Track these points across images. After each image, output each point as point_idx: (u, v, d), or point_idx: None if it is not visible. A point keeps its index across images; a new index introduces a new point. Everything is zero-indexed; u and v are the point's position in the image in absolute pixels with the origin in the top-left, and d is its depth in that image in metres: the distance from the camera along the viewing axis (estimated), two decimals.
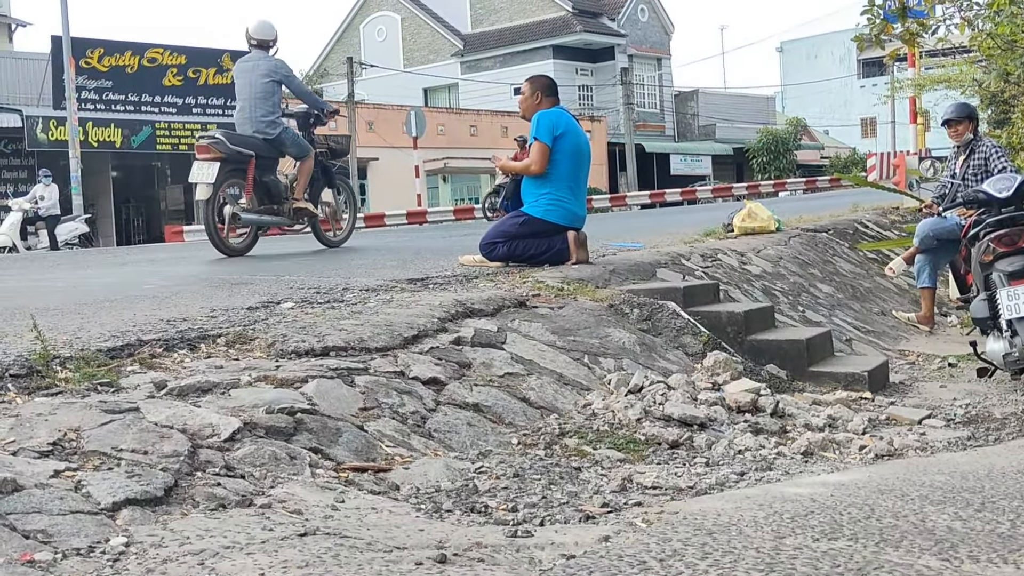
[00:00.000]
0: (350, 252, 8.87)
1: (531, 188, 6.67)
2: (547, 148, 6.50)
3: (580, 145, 6.70)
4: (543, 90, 6.76)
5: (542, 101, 6.70)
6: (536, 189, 6.63)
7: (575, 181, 6.68)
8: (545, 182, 6.58)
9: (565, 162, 6.57)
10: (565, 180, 6.59)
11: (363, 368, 3.71)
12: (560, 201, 6.58)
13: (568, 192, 6.62)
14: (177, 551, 2.15)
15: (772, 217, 9.64)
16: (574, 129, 6.69)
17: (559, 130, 6.54)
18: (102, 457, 2.64)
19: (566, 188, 6.61)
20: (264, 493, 2.62)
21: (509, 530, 2.51)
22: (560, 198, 6.58)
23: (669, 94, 45.50)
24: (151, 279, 6.35)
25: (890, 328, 8.13)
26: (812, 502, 2.65)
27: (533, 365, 4.37)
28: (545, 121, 6.56)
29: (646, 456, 3.60)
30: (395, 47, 45.12)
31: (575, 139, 6.65)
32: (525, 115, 6.74)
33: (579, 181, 6.74)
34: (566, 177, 6.59)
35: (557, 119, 6.60)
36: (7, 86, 24.98)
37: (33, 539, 2.16)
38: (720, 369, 4.72)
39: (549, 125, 6.54)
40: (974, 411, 4.90)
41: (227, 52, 27.00)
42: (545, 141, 6.50)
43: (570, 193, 6.64)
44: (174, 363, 3.59)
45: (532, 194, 6.65)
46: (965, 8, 9.35)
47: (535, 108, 6.66)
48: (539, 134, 6.53)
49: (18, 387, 3.11)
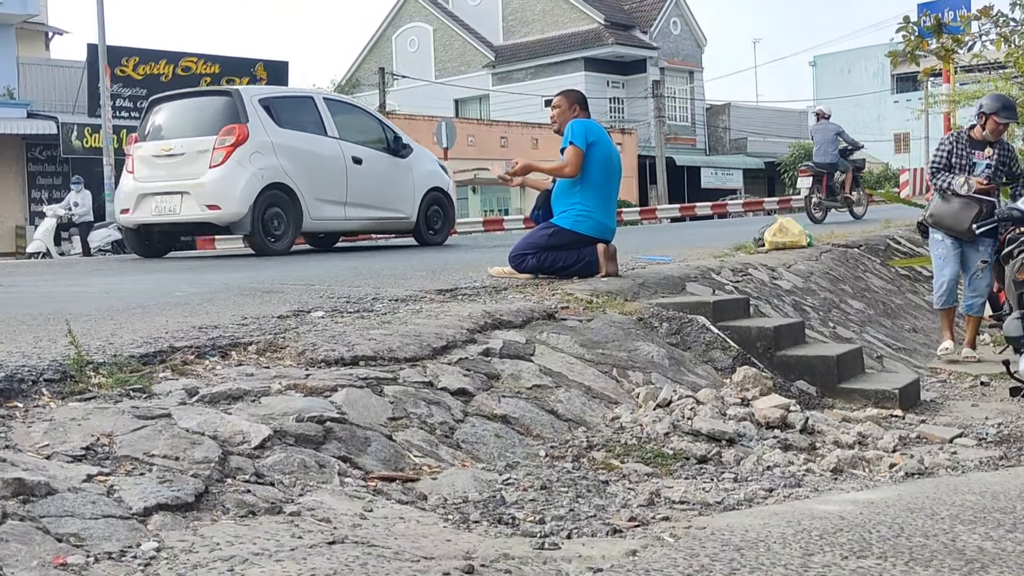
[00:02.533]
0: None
1: (562, 199, 6.67)
2: (582, 153, 6.49)
3: (611, 157, 6.70)
4: (578, 103, 6.79)
5: (578, 114, 6.73)
6: (567, 199, 6.63)
7: (605, 193, 6.67)
8: (575, 192, 6.58)
9: (596, 172, 6.57)
10: (595, 191, 6.59)
11: (392, 378, 3.73)
12: (590, 212, 6.58)
13: (598, 203, 6.61)
14: (207, 557, 2.18)
15: (803, 232, 9.60)
16: (606, 140, 6.70)
17: (591, 138, 6.55)
18: (134, 462, 2.67)
19: (596, 199, 6.60)
20: (293, 501, 2.64)
21: (536, 542, 2.51)
22: (590, 209, 6.58)
23: (701, 107, 45.41)
24: (183, 286, 6.40)
25: (921, 345, 8.06)
26: (841, 520, 2.63)
27: (561, 377, 4.37)
28: (579, 128, 6.56)
29: (674, 470, 3.59)
30: (427, 58, 45.32)
31: (607, 150, 6.65)
32: (559, 128, 6.75)
33: (610, 193, 6.74)
34: (596, 188, 6.59)
35: (589, 127, 6.62)
36: (43, 93, 25.32)
37: (66, 542, 2.18)
38: (749, 384, 4.70)
39: (583, 131, 6.54)
40: (1006, 430, 4.85)
41: (260, 61, 27.28)
42: (580, 145, 6.49)
43: (600, 204, 6.63)
44: (205, 370, 3.61)
45: (562, 204, 6.65)
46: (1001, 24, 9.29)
47: (569, 120, 6.68)
48: (574, 139, 6.52)
49: (52, 392, 3.15)
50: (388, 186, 11.36)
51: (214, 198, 9.85)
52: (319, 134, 10.79)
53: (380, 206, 11.33)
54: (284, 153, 10.24)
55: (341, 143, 10.92)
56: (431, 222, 11.96)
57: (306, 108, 10.98)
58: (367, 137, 11.51)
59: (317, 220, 10.71)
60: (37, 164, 25.10)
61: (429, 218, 11.91)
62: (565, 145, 6.57)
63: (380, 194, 11.27)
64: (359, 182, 10.94)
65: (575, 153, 6.50)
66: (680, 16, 44.69)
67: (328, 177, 10.67)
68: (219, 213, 9.92)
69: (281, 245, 10.27)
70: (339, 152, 10.84)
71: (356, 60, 47.92)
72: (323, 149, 10.74)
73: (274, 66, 27.45)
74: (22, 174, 24.98)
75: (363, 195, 11.03)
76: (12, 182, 24.85)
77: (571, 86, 8.63)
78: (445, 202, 12.12)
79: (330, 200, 10.71)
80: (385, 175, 11.33)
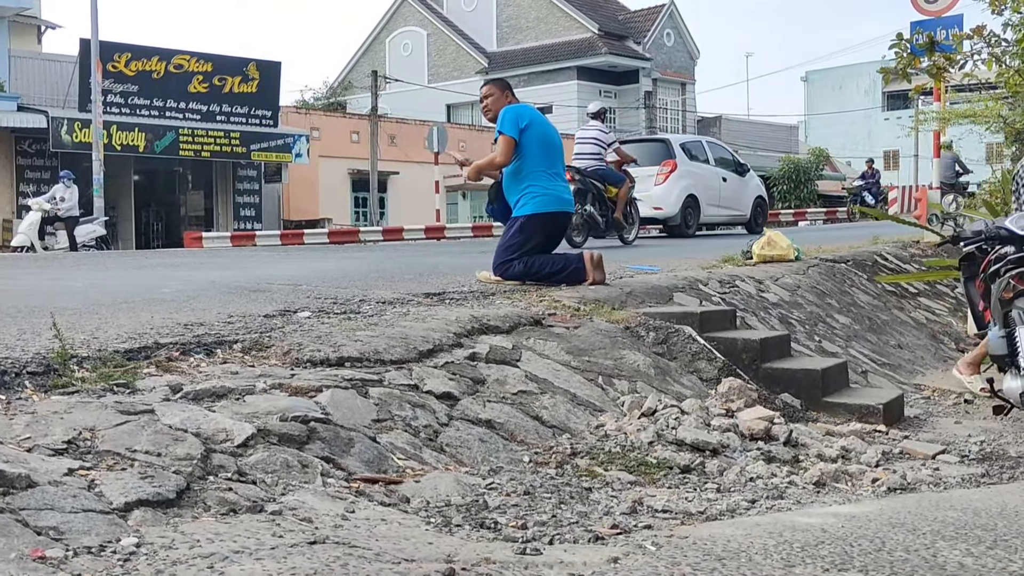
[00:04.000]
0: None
1: (513, 190, 6.74)
2: (512, 141, 6.58)
3: (548, 134, 6.78)
4: (508, 88, 6.93)
5: (510, 100, 6.83)
6: (517, 188, 6.69)
7: (551, 169, 6.74)
8: (522, 178, 6.65)
9: (536, 152, 6.64)
10: (541, 170, 6.66)
11: (378, 380, 3.72)
12: (543, 190, 6.64)
13: (547, 179, 6.68)
14: (187, 553, 2.17)
15: (791, 246, 9.62)
16: (539, 119, 6.79)
17: (524, 121, 6.63)
18: (116, 457, 2.65)
19: (544, 177, 6.67)
20: (275, 500, 2.63)
21: (518, 547, 2.51)
22: (542, 187, 6.64)
23: (692, 119, 45.48)
24: (169, 283, 6.39)
25: (906, 361, 8.09)
26: (823, 532, 2.63)
27: (547, 384, 4.37)
28: (510, 115, 6.63)
29: (657, 479, 3.59)
30: (420, 62, 45.32)
31: (542, 128, 6.73)
32: (494, 116, 6.79)
33: (555, 168, 6.80)
34: (541, 166, 6.66)
35: (521, 112, 6.69)
36: (34, 87, 25.18)
37: (45, 535, 2.17)
38: (734, 396, 4.71)
39: (513, 118, 6.62)
40: (989, 448, 4.87)
41: (253, 61, 27.16)
42: (511, 134, 6.58)
43: (550, 180, 6.70)
44: (190, 367, 3.60)
45: (515, 195, 6.71)
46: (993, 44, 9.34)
47: (503, 106, 6.74)
48: (504, 128, 6.60)
49: (35, 384, 3.14)
50: (737, 194, 17.69)
51: (659, 203, 15.88)
52: (706, 163, 17.35)
53: (734, 207, 17.72)
54: (692, 176, 16.56)
55: (716, 168, 17.45)
56: (756, 217, 18.06)
57: (699, 147, 17.80)
58: (726, 163, 17.97)
59: (706, 216, 17.03)
60: (26, 158, 24.95)
61: (754, 215, 18.07)
62: (498, 134, 6.65)
63: (734, 200, 17.63)
64: (725, 192, 17.37)
65: (504, 142, 6.59)
66: (674, 28, 44.80)
67: (712, 190, 17.01)
68: (662, 212, 16.04)
69: (690, 232, 16.43)
70: (716, 174, 17.30)
71: (350, 62, 47.89)
72: (708, 172, 17.18)
73: (266, 66, 27.31)
74: (11, 167, 24.83)
75: (727, 200, 17.43)
76: (1, 176, 24.75)
77: (564, 94, 8.69)
78: (764, 206, 18.53)
79: (712, 204, 16.98)
80: (736, 187, 17.66)
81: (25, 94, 24.65)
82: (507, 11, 44.61)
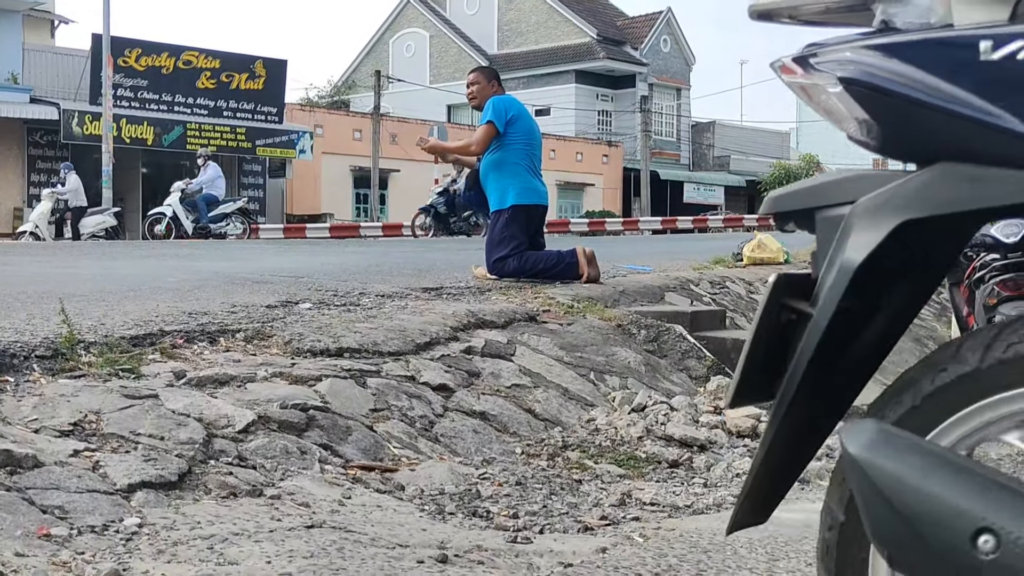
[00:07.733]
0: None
1: (494, 185, 6.67)
2: (495, 131, 6.52)
3: (532, 129, 6.76)
4: (495, 78, 6.86)
5: (496, 89, 6.77)
6: (497, 183, 6.64)
7: (530, 164, 6.71)
8: (504, 171, 6.61)
9: (519, 146, 6.61)
10: (522, 165, 6.64)
11: (376, 371, 3.79)
12: (523, 184, 6.61)
13: (527, 175, 6.65)
14: (188, 534, 2.23)
15: (781, 249, 9.69)
16: (526, 114, 6.76)
17: (511, 113, 6.58)
18: (120, 440, 2.72)
19: (524, 172, 6.64)
20: (274, 485, 2.70)
21: (509, 536, 2.58)
22: (522, 181, 6.61)
23: (686, 124, 45.51)
24: (174, 273, 6.45)
25: (890, 363, 8.14)
26: (807, 528, 2.70)
27: (540, 378, 4.44)
28: (500, 105, 6.57)
29: (646, 473, 3.66)
30: (422, 63, 45.30)
31: (528, 123, 6.71)
32: (479, 104, 6.74)
33: (534, 163, 6.77)
34: (522, 161, 6.64)
35: (509, 104, 6.65)
36: (46, 79, 25.32)
37: (50, 514, 2.23)
38: (723, 393, 4.77)
39: (503, 109, 6.55)
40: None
41: (260, 59, 27.33)
42: (497, 124, 6.51)
43: (529, 175, 6.67)
44: (193, 355, 3.67)
45: (495, 189, 6.65)
46: None
47: (489, 96, 6.69)
48: (493, 117, 6.52)
49: (43, 368, 3.20)
50: None
51: None
52: None
53: None
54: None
55: None
56: None
57: None
58: None
59: None
60: (37, 148, 25.12)
61: None
62: (483, 122, 6.60)
63: None
64: None
65: (485, 131, 6.54)
66: (671, 34, 44.84)
67: None
68: None
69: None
70: None
71: (353, 62, 47.84)
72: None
73: (273, 64, 27.54)
74: (22, 158, 24.99)
75: None
76: (12, 165, 24.85)
77: (562, 97, 8.75)
78: None
79: None
80: None
81: (38, 87, 24.81)
82: (508, 15, 44.64)
